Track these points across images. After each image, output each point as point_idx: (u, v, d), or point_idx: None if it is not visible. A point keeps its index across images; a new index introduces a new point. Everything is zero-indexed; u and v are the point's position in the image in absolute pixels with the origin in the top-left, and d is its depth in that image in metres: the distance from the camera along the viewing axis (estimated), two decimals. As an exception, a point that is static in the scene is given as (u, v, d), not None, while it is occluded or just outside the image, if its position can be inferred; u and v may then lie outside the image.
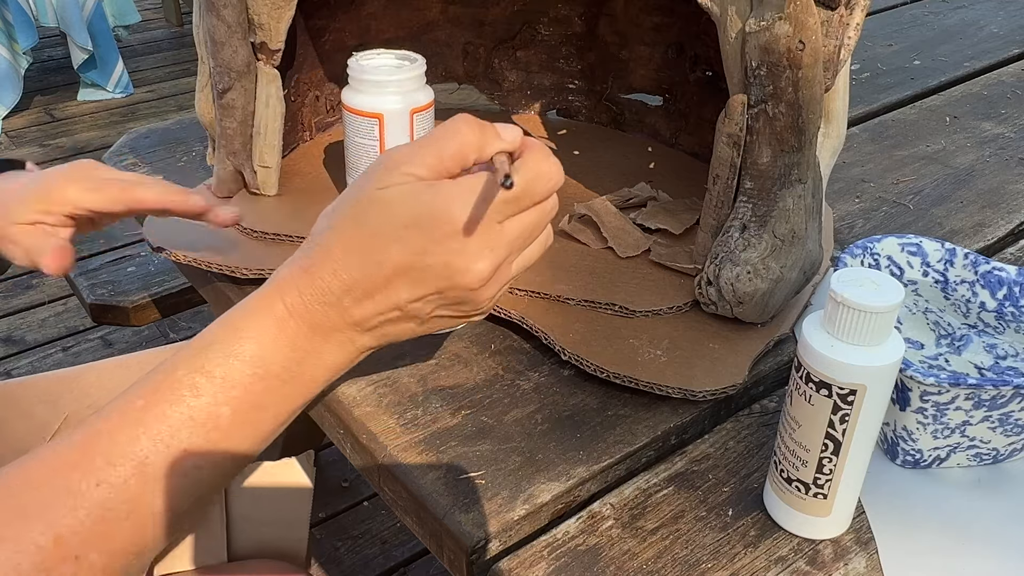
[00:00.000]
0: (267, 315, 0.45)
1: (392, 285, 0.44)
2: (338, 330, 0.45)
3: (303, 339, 0.45)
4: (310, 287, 0.44)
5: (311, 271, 0.45)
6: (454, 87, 0.96)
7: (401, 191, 0.43)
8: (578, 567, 0.48)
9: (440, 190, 0.43)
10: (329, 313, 0.44)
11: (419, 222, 0.43)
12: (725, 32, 0.59)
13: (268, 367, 0.44)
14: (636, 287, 0.67)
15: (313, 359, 0.46)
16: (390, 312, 0.45)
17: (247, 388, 0.44)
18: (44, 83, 3.05)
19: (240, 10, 0.68)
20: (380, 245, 0.43)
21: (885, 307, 0.44)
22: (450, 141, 0.44)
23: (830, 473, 0.48)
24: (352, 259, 0.44)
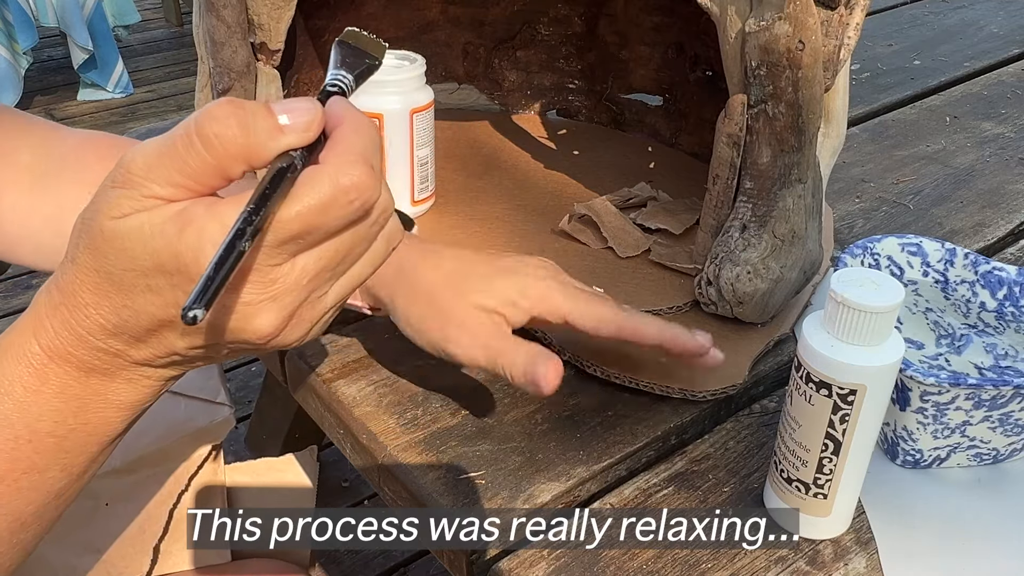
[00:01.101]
0: (21, 362, 0.35)
1: (160, 334, 0.35)
2: (122, 369, 0.36)
3: (75, 384, 0.36)
4: (65, 327, 0.35)
5: (62, 309, 0.35)
6: (454, 87, 0.96)
7: (137, 224, 0.32)
8: (578, 567, 0.48)
9: (187, 227, 0.32)
10: (98, 355, 0.35)
11: (164, 268, 0.32)
12: (725, 32, 0.59)
13: (33, 426, 0.36)
14: (636, 287, 0.67)
15: (97, 403, 0.37)
16: (172, 356, 0.36)
17: (12, 455, 0.36)
18: (44, 83, 3.05)
19: (240, 10, 0.68)
20: (129, 294, 0.33)
21: (885, 307, 0.44)
22: (197, 150, 0.32)
23: (830, 473, 0.48)
24: (104, 304, 0.34)
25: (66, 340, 0.35)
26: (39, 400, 0.36)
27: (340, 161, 0.33)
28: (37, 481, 0.37)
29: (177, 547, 0.71)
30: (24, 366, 0.35)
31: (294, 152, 0.33)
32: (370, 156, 0.34)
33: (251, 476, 0.75)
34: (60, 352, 0.35)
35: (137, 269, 0.33)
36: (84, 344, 0.35)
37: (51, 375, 0.35)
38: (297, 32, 0.80)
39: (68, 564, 0.67)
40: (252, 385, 1.70)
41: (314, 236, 0.33)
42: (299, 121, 0.33)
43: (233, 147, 0.32)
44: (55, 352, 0.35)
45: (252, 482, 0.75)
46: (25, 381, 0.35)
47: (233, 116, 0.32)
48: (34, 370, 0.35)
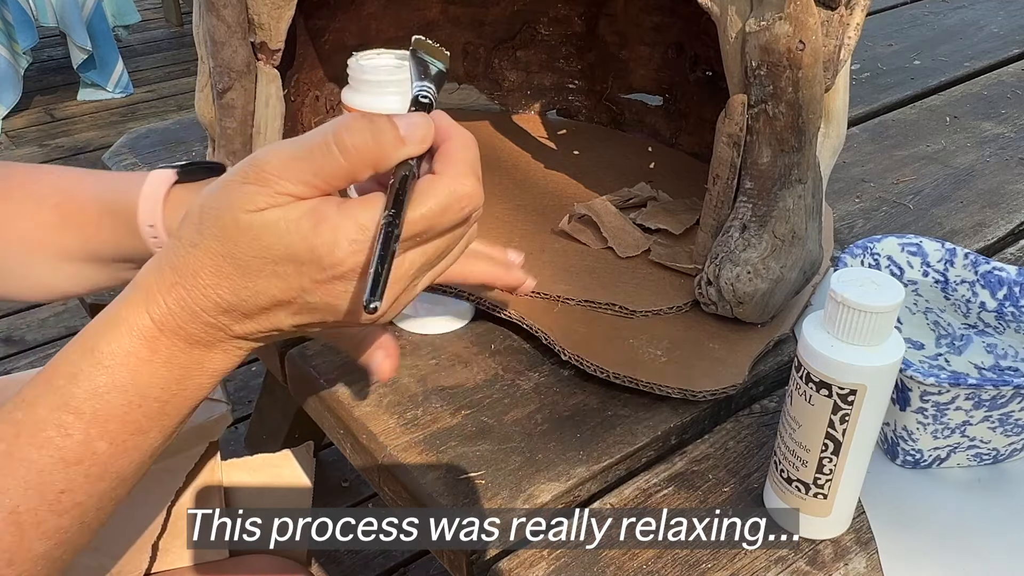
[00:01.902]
0: (133, 334, 0.39)
1: (272, 312, 0.39)
2: (221, 341, 0.40)
3: (181, 355, 0.40)
4: (179, 305, 0.39)
5: (179, 288, 0.39)
6: (454, 87, 0.96)
7: (274, 219, 0.37)
8: (578, 567, 0.48)
9: (322, 223, 0.36)
10: (207, 329, 0.39)
11: (297, 258, 0.37)
12: (725, 32, 0.59)
13: (144, 392, 0.39)
14: (636, 287, 0.67)
15: (196, 371, 0.40)
16: (272, 332, 0.40)
17: (123, 419, 0.39)
18: (44, 83, 3.05)
19: (240, 10, 0.68)
20: (253, 277, 0.38)
21: (885, 307, 0.44)
22: (335, 156, 0.36)
23: (830, 473, 0.48)
24: (224, 285, 0.38)
25: (179, 316, 0.39)
26: (149, 369, 0.39)
27: (455, 172, 0.38)
28: (141, 441, 0.40)
29: (176, 544, 0.71)
30: (137, 339, 0.39)
31: (411, 161, 0.38)
32: (477, 170, 0.40)
33: (248, 472, 0.75)
34: (172, 326, 0.39)
35: (268, 257, 0.37)
36: (196, 319, 0.39)
37: (161, 347, 0.39)
38: (297, 32, 0.80)
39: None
40: (252, 385, 1.70)
41: (428, 235, 0.38)
42: (417, 134, 0.38)
43: (367, 155, 0.37)
44: (167, 326, 0.39)
45: (249, 479, 0.75)
46: (138, 352, 0.39)
47: (367, 129, 0.37)
48: (147, 342, 0.39)
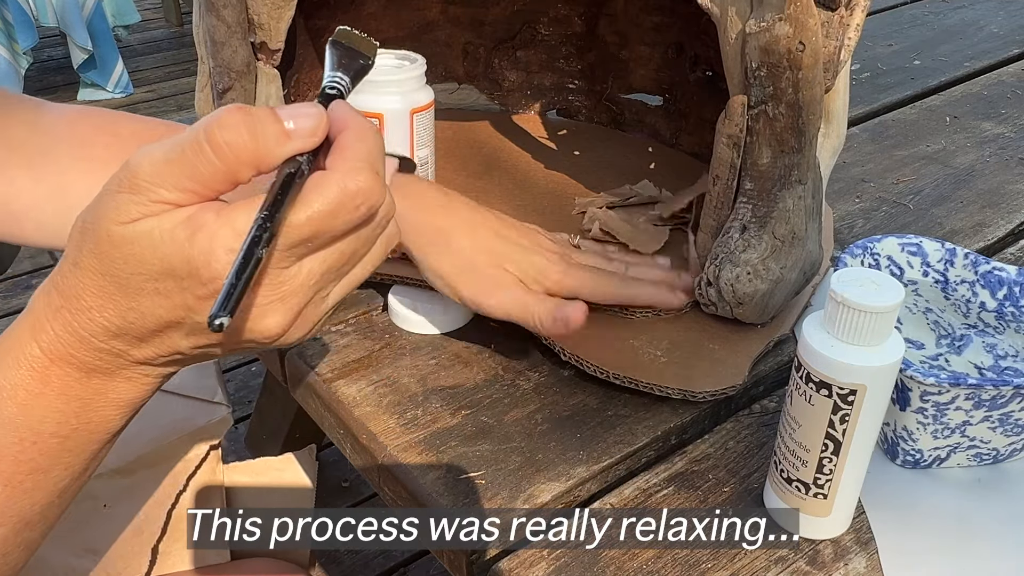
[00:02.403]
0: (22, 364, 0.36)
1: (165, 334, 0.35)
2: (122, 368, 0.37)
3: (76, 385, 0.36)
4: (67, 330, 0.35)
5: (64, 312, 0.35)
6: (454, 87, 0.96)
7: (147, 229, 0.33)
8: (578, 567, 0.48)
9: (198, 232, 0.33)
10: (101, 356, 0.36)
11: (175, 273, 0.33)
12: (725, 33, 0.59)
13: (38, 428, 0.36)
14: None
15: (99, 402, 0.37)
16: (174, 355, 0.37)
17: (16, 458, 0.36)
18: (44, 83, 3.05)
19: (240, 10, 0.68)
20: (135, 296, 0.34)
21: (885, 307, 0.44)
22: (208, 157, 0.32)
23: (830, 473, 0.48)
24: (108, 307, 0.35)
25: (68, 342, 0.35)
26: (42, 402, 0.36)
27: (347, 167, 0.34)
28: (41, 481, 0.37)
29: (176, 547, 0.71)
30: (25, 369, 0.36)
31: (300, 157, 0.33)
32: (375, 162, 0.34)
33: (250, 476, 0.75)
34: (61, 354, 0.36)
35: (145, 273, 0.33)
36: (86, 345, 0.35)
37: (53, 377, 0.36)
38: (297, 32, 0.80)
39: (67, 565, 0.67)
40: (252, 385, 1.70)
41: (321, 240, 0.34)
42: (305, 126, 0.34)
43: (244, 153, 0.32)
44: (56, 354, 0.36)
45: (251, 482, 0.75)
46: (27, 384, 0.36)
47: (243, 123, 0.32)
48: (36, 373, 0.36)
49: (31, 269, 2.09)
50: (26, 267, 2.09)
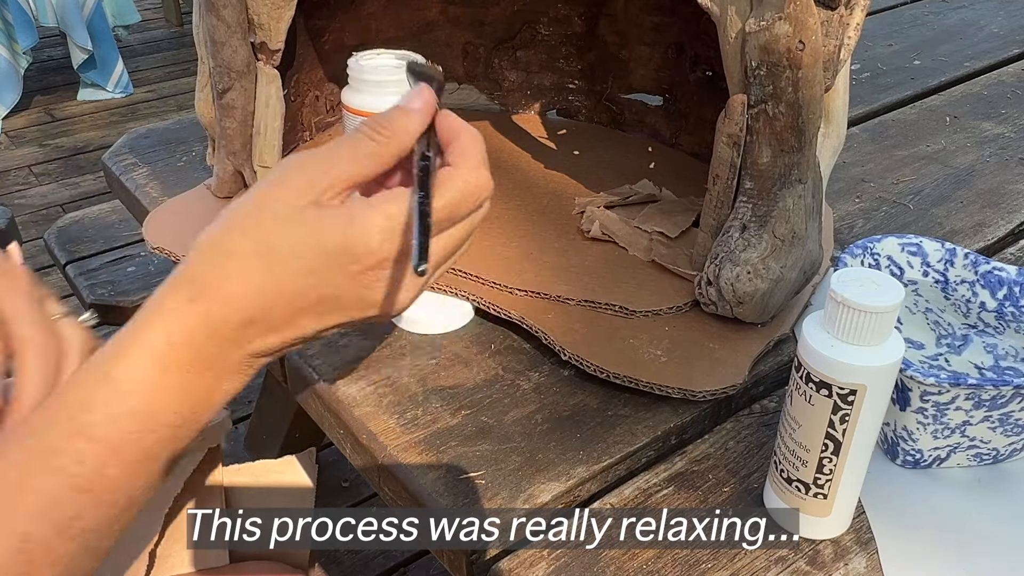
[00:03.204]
0: (148, 358, 0.39)
1: (299, 319, 0.40)
2: (238, 362, 0.40)
3: (196, 380, 0.40)
4: (199, 321, 0.38)
5: (199, 302, 0.38)
6: (454, 87, 0.96)
7: (308, 218, 0.38)
8: (578, 567, 0.48)
9: (354, 218, 0.39)
10: (226, 349, 0.39)
11: (329, 252, 0.38)
12: (725, 32, 0.59)
13: (158, 419, 0.39)
14: (636, 287, 0.67)
15: (213, 394, 0.41)
16: (294, 342, 0.41)
17: (137, 445, 0.39)
18: (44, 83, 3.05)
19: (240, 10, 0.68)
20: (288, 279, 0.38)
21: (885, 307, 0.44)
22: (358, 166, 0.40)
23: (830, 473, 0.48)
24: (250, 293, 0.38)
25: (200, 334, 0.39)
26: (165, 396, 0.39)
27: (470, 164, 0.41)
28: (151, 467, 0.40)
29: (175, 550, 0.71)
30: (152, 364, 0.38)
31: (429, 153, 0.41)
32: (486, 161, 0.42)
33: (249, 478, 0.75)
34: (187, 352, 0.39)
35: (301, 254, 0.38)
36: (215, 338, 0.39)
37: (174, 373, 0.39)
38: (297, 32, 0.80)
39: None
40: (252, 385, 1.69)
41: (447, 224, 0.41)
42: (416, 100, 0.42)
43: (399, 152, 0.41)
44: (182, 349, 0.39)
45: (251, 485, 0.75)
46: (154, 379, 0.39)
47: (383, 115, 0.41)
48: (162, 368, 0.39)
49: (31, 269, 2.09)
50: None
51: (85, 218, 1.18)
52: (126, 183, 0.86)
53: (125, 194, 0.87)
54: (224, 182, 0.76)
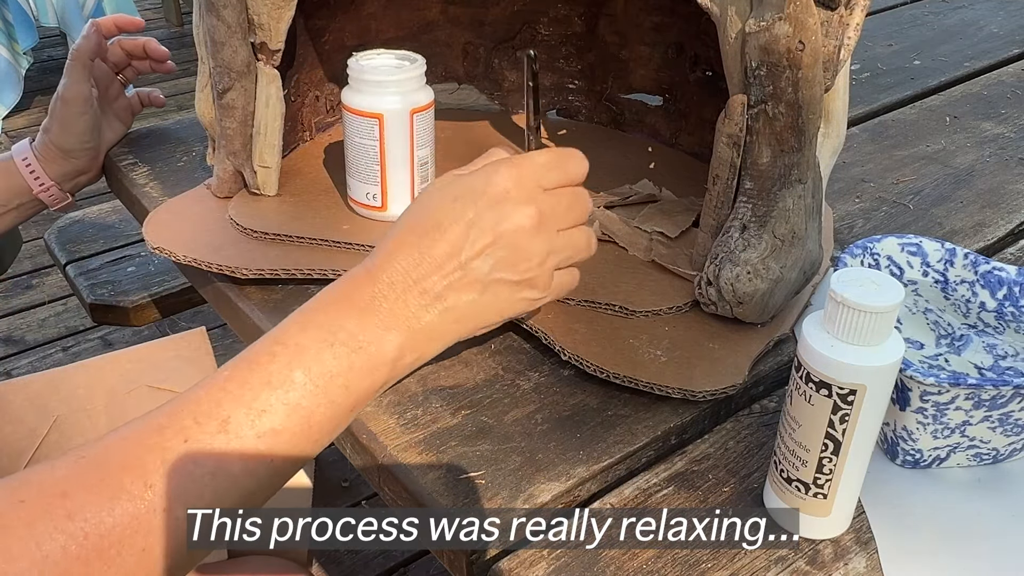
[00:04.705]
0: (331, 303, 0.48)
1: (453, 242, 0.48)
2: (403, 299, 0.47)
3: (370, 315, 0.47)
4: (362, 268, 0.48)
5: (363, 263, 0.49)
6: (454, 87, 0.96)
7: (445, 179, 0.50)
8: (578, 567, 0.48)
9: (479, 169, 0.50)
10: (393, 280, 0.47)
11: (465, 193, 0.49)
12: (725, 32, 0.59)
13: (336, 336, 0.46)
14: (636, 287, 0.67)
15: (380, 334, 0.47)
16: (453, 272, 0.48)
17: (317, 353, 0.46)
18: (44, 83, 3.05)
19: (240, 10, 0.68)
20: (433, 219, 0.48)
21: (885, 307, 0.44)
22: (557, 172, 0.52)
23: (830, 473, 0.48)
24: (404, 233, 0.48)
25: (380, 289, 0.47)
26: (347, 317, 0.47)
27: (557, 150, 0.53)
28: (327, 387, 0.46)
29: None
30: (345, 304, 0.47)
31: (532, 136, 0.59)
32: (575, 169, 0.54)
33: None
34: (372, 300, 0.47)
35: (444, 198, 0.49)
36: (388, 288, 0.47)
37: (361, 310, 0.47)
38: (297, 32, 0.80)
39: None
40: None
41: (556, 172, 0.51)
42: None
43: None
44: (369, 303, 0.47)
45: None
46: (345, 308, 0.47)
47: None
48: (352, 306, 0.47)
49: (31, 269, 2.09)
50: (26, 267, 2.09)
51: (85, 218, 1.18)
52: (126, 183, 0.86)
53: (125, 194, 0.87)
54: (224, 182, 0.76)
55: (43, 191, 0.84)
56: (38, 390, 0.86)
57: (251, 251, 0.69)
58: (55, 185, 0.84)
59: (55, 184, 0.84)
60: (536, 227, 0.49)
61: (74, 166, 0.84)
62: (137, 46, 0.89)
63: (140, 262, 1.10)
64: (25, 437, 0.81)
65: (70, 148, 0.83)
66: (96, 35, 0.83)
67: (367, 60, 0.72)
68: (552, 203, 0.50)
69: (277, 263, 0.67)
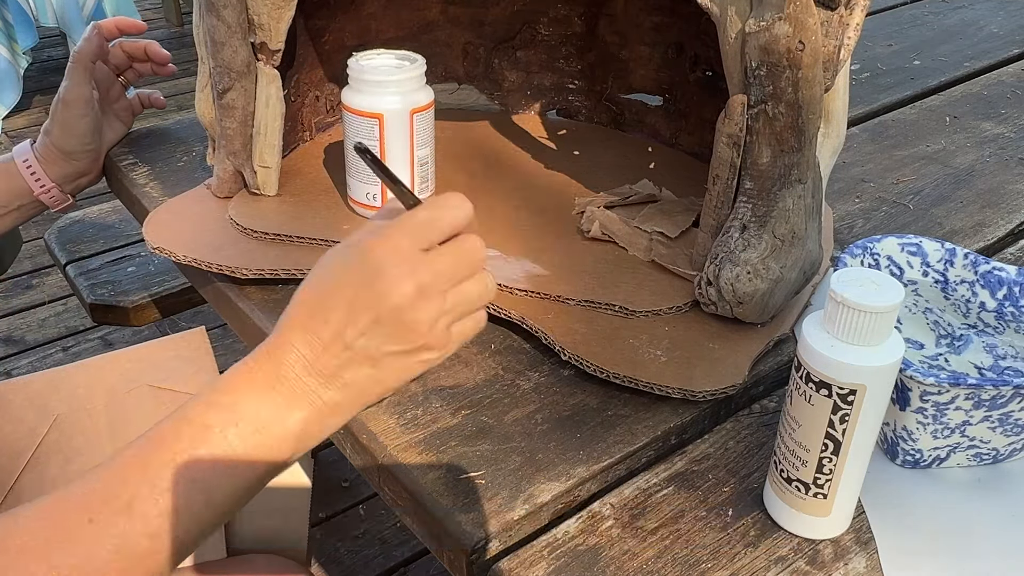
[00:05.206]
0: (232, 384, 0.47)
1: (337, 323, 0.46)
2: (301, 379, 0.47)
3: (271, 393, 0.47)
4: (262, 350, 0.47)
5: (263, 344, 0.48)
6: (454, 87, 0.96)
7: (336, 251, 0.48)
8: (578, 567, 0.48)
9: (358, 245, 0.47)
10: (290, 363, 0.47)
11: (346, 272, 0.47)
12: (725, 32, 0.59)
13: (239, 415, 0.46)
14: (636, 287, 0.67)
15: (283, 412, 0.47)
16: (342, 353, 0.46)
17: (222, 432, 0.46)
18: (44, 83, 3.05)
19: (240, 10, 0.68)
20: (320, 299, 0.47)
21: (885, 307, 0.44)
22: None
23: (830, 473, 0.48)
24: (299, 310, 0.47)
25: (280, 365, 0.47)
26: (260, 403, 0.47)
27: (440, 200, 0.49)
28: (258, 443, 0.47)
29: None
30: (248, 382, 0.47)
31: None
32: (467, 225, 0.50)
33: None
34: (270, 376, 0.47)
35: (331, 275, 0.47)
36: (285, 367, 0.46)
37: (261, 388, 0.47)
38: (297, 32, 0.80)
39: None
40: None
41: (434, 226, 0.47)
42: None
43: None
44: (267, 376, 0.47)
45: None
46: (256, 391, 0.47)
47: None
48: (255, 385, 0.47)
49: (31, 269, 2.09)
50: (26, 267, 2.09)
51: (85, 218, 1.19)
52: (126, 183, 0.86)
53: (125, 194, 0.87)
54: (224, 182, 0.76)
55: (44, 193, 0.84)
56: (38, 390, 0.86)
57: (251, 251, 0.69)
58: (56, 187, 0.84)
59: (56, 186, 0.84)
60: (417, 299, 0.46)
61: (75, 168, 0.84)
62: (138, 48, 0.89)
63: (140, 262, 1.10)
64: (25, 436, 0.81)
65: (71, 150, 0.83)
66: (98, 37, 0.83)
67: (367, 60, 0.72)
68: (435, 267, 0.47)
69: (277, 263, 0.67)
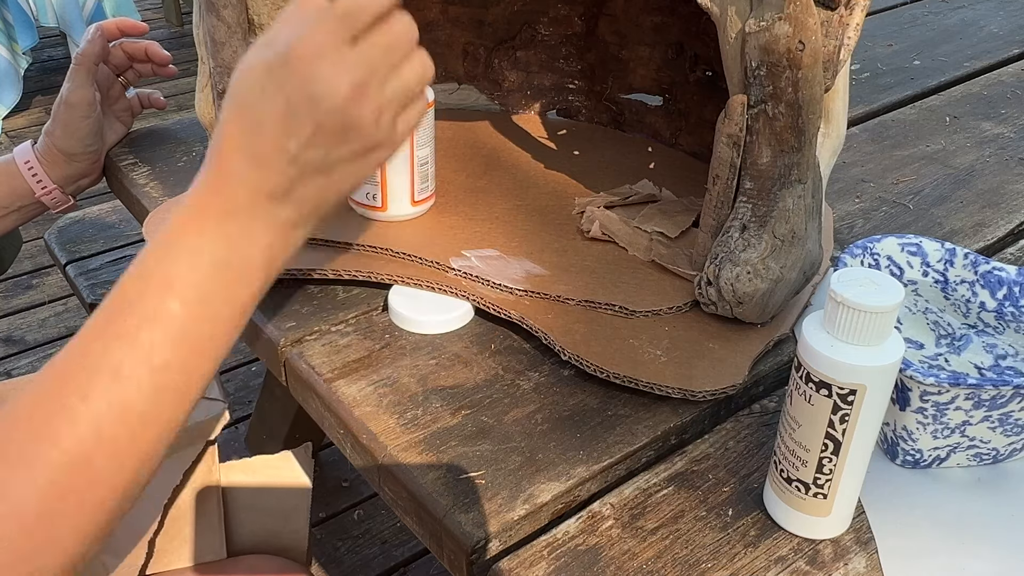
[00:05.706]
0: (183, 226, 0.46)
1: (276, 139, 0.44)
2: (253, 205, 0.45)
3: (226, 226, 0.45)
4: (202, 185, 0.45)
5: (201, 177, 0.46)
6: (454, 87, 0.96)
7: (252, 56, 0.45)
8: (578, 567, 0.48)
9: (268, 35, 0.44)
10: (236, 191, 0.45)
11: (271, 77, 0.43)
12: (725, 32, 0.59)
13: (201, 258, 0.45)
14: (636, 287, 0.67)
15: (244, 242, 0.45)
16: (288, 169, 0.44)
17: (187, 278, 0.45)
18: (44, 83, 3.05)
19: (240, 10, 0.68)
20: (249, 108, 0.44)
21: (885, 307, 0.44)
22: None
23: (830, 473, 0.48)
24: (231, 132, 0.44)
25: (206, 190, 0.45)
26: (203, 239, 0.45)
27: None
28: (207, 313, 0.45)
29: (173, 544, 0.71)
30: (189, 223, 0.45)
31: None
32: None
33: (247, 474, 0.75)
34: (206, 204, 0.45)
35: (253, 83, 0.44)
36: (219, 186, 0.45)
37: (207, 222, 0.45)
38: (297, 32, 0.80)
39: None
40: (252, 385, 1.70)
41: (360, 18, 0.44)
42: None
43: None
44: (204, 206, 0.45)
45: (247, 480, 0.75)
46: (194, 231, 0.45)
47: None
48: (196, 223, 0.45)
49: (31, 269, 2.09)
50: (26, 267, 2.09)
51: (85, 218, 1.19)
52: (126, 183, 0.86)
53: (125, 194, 0.87)
54: (224, 182, 0.76)
55: (45, 194, 0.84)
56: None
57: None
58: (57, 188, 0.84)
59: (57, 187, 0.84)
60: (355, 97, 0.44)
61: (76, 169, 0.85)
62: (139, 49, 0.89)
63: (140, 262, 1.10)
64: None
65: (73, 151, 0.83)
66: (101, 39, 0.83)
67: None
68: (367, 59, 0.44)
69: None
